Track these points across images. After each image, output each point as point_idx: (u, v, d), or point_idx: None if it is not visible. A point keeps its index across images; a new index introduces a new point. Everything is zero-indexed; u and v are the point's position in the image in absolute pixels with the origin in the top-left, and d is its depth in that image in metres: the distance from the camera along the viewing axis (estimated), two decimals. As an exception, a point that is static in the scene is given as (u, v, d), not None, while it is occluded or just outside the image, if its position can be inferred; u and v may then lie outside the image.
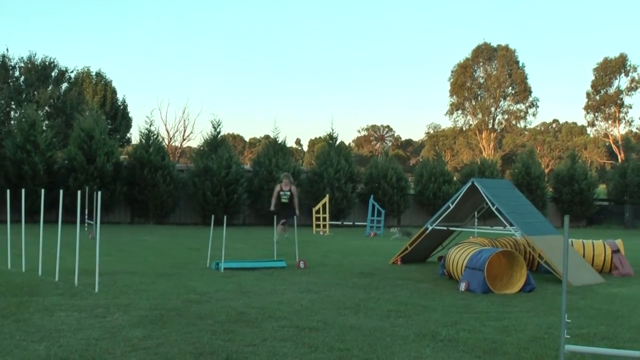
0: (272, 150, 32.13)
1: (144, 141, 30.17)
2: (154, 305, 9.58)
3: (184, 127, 60.11)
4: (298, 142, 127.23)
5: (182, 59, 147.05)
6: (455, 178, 36.89)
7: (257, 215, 30.63)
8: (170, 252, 17.56)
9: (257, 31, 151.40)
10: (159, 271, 13.40)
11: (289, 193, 19.53)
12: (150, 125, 30.47)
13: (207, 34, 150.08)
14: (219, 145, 31.01)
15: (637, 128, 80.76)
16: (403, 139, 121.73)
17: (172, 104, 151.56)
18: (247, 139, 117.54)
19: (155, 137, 30.55)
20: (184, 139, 60.45)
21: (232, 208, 29.32)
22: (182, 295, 10.49)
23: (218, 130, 31.56)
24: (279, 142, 33.02)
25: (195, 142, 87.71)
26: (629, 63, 79.15)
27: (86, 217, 19.41)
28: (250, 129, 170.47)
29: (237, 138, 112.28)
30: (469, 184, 14.40)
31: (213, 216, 14.85)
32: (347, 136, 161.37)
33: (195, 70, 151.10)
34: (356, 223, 29.22)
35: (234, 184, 29.65)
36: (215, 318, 8.76)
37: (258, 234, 24.21)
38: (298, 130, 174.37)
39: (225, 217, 14.73)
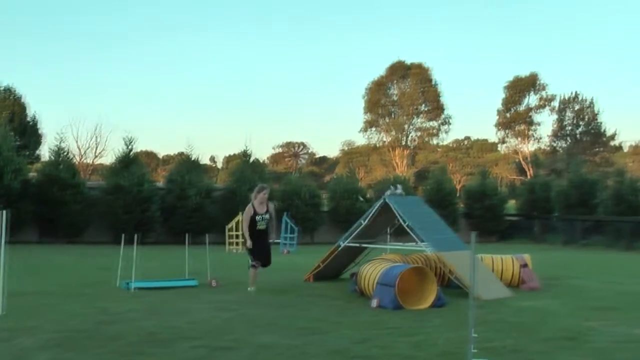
0: (186, 168, 31.88)
1: (53, 158, 29.58)
2: (62, 327, 9.38)
3: (97, 143, 59.11)
4: (213, 159, 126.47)
5: (96, 75, 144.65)
6: (368, 195, 37.15)
7: (170, 233, 30.26)
8: (81, 271, 17.24)
9: (170, 46, 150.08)
10: (68, 291, 13.14)
11: (267, 217, 14.07)
12: (61, 142, 29.91)
13: (121, 50, 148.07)
14: (131, 163, 30.60)
15: (545, 145, 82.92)
16: (318, 155, 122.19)
17: (85, 120, 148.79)
18: (161, 156, 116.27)
19: (65, 153, 29.99)
20: (96, 156, 59.46)
21: (144, 226, 28.89)
22: (92, 316, 10.31)
23: (130, 147, 31.17)
24: (193, 159, 32.80)
25: (108, 159, 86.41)
26: (539, 82, 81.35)
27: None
28: (164, 145, 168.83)
29: (150, 155, 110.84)
30: (382, 200, 14.55)
31: (124, 235, 14.63)
32: (262, 153, 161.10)
33: (109, 86, 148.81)
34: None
35: (146, 201, 29.30)
36: (126, 339, 8.63)
37: (171, 252, 23.90)
38: (213, 147, 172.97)
39: (137, 236, 14.53)
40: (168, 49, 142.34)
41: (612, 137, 79.99)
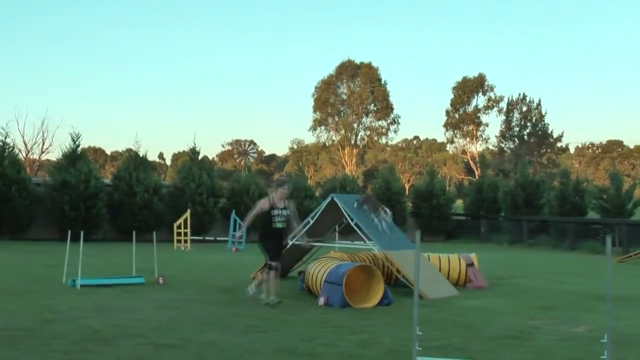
0: (133, 164, 31.59)
1: (-2, 153, 29.07)
2: (5, 325, 9.24)
3: (43, 139, 58.32)
4: (161, 156, 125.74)
5: (42, 69, 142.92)
6: (317, 193, 37.18)
7: (117, 230, 29.96)
8: (25, 269, 16.98)
9: (119, 42, 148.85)
10: (11, 289, 12.94)
11: (286, 214, 12.38)
12: (5, 137, 29.42)
13: (67, 44, 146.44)
14: (78, 159, 30.20)
15: (493, 146, 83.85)
16: (267, 154, 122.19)
17: (31, 115, 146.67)
18: (108, 152, 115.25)
19: (10, 149, 29.49)
20: (42, 152, 58.66)
21: (91, 223, 28.58)
22: (36, 314, 10.17)
23: (77, 143, 30.76)
24: (141, 155, 32.52)
25: (54, 154, 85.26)
26: (487, 83, 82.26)
27: None
28: (112, 142, 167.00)
29: (98, 151, 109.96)
30: (329, 199, 14.58)
31: (70, 231, 14.45)
32: (211, 150, 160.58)
33: (56, 81, 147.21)
34: (218, 238, 29.02)
35: (93, 198, 28.96)
36: (70, 337, 8.53)
37: (118, 249, 23.67)
38: (162, 144, 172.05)
39: (83, 232, 14.37)
40: (117, 45, 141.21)
41: (559, 138, 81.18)
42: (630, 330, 10.20)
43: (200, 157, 34.49)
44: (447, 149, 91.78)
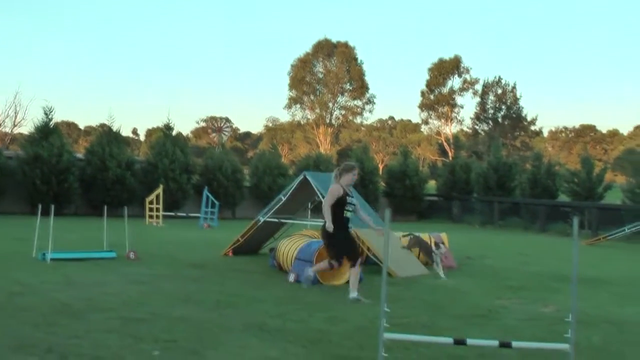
0: (107, 139, 31.43)
1: (-31, 126, 28.88)
2: (-27, 297, 9.22)
3: (15, 112, 57.68)
4: (135, 131, 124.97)
5: (14, 42, 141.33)
6: (291, 171, 37.23)
7: (89, 205, 29.87)
8: (-5, 242, 16.89)
9: (90, 15, 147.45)
10: (-20, 262, 12.89)
11: (355, 200, 11.13)
12: (-24, 111, 29.16)
13: (38, 17, 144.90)
14: (51, 133, 29.98)
15: (467, 127, 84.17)
16: (242, 131, 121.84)
17: (3, 88, 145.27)
18: (82, 127, 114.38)
19: (-19, 122, 29.29)
20: (14, 125, 58.03)
21: (63, 197, 28.49)
22: (4, 288, 10.12)
23: (50, 116, 30.52)
24: (114, 130, 32.35)
25: (27, 128, 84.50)
26: (462, 65, 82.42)
27: None
28: (85, 116, 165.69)
29: (71, 126, 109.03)
30: (301, 176, 14.61)
31: (40, 204, 14.39)
32: (185, 127, 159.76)
33: (29, 54, 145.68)
34: (190, 214, 29.00)
35: (65, 172, 28.82)
36: (38, 310, 8.52)
37: (90, 224, 23.57)
38: (136, 119, 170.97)
39: (54, 207, 14.30)
40: (91, 19, 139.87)
41: (532, 122, 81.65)
42: (595, 310, 10.35)
43: (174, 133, 34.37)
44: (422, 130, 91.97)
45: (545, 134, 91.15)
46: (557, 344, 5.81)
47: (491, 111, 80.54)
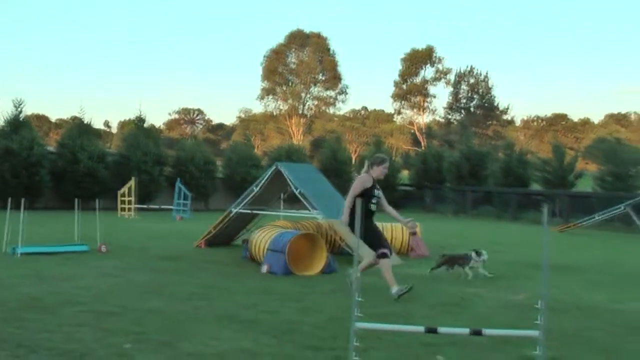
0: (78, 132, 31.21)
1: (-63, 120, 28.48)
2: (-58, 292, 9.12)
3: (-16, 106, 57.17)
4: (107, 123, 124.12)
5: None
6: (264, 162, 37.19)
7: (61, 198, 29.63)
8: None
9: (59, 5, 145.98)
10: (-51, 256, 12.76)
11: (380, 194, 10.76)
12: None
13: (9, 9, 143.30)
14: (21, 126, 29.72)
15: (440, 117, 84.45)
16: (215, 122, 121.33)
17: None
18: (53, 120, 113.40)
19: (-50, 115, 28.92)
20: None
21: (34, 191, 28.23)
22: (-27, 282, 10.04)
23: (20, 109, 30.26)
24: (86, 123, 32.14)
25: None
26: (435, 55, 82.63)
27: None
28: (57, 109, 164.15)
29: (42, 118, 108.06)
30: (274, 167, 14.59)
31: (10, 198, 14.25)
32: (158, 119, 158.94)
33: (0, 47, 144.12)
34: (162, 206, 28.88)
35: (36, 165, 28.58)
36: (7, 305, 8.43)
37: (61, 217, 23.41)
38: (108, 111, 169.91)
39: (25, 200, 14.17)
40: (60, 8, 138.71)
41: (504, 111, 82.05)
42: (566, 297, 10.45)
43: (147, 125, 34.24)
44: (395, 119, 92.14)
45: (518, 122, 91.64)
46: (528, 330, 5.83)
47: (464, 101, 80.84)
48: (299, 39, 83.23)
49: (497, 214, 33.63)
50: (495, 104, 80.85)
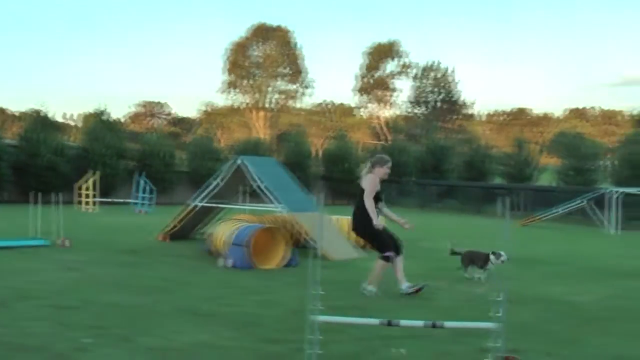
0: (39, 125, 30.88)
1: None
2: None
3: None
4: (70, 116, 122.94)
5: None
6: (228, 156, 37.07)
7: (21, 192, 29.22)
8: None
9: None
10: None
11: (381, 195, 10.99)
12: None
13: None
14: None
15: (404, 111, 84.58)
16: (178, 116, 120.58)
17: None
18: (13, 112, 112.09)
19: None
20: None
21: (-6, 184, 27.95)
22: None
23: (-22, 102, 29.96)
24: (47, 116, 31.83)
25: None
26: (400, 48, 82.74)
27: None
28: (17, 102, 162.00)
29: (2, 112, 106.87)
30: (238, 161, 14.52)
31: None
32: (120, 112, 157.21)
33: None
34: (126, 200, 28.65)
35: (-4, 159, 28.27)
36: (-38, 300, 8.32)
37: (22, 211, 23.08)
38: (70, 104, 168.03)
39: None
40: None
41: (469, 105, 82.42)
42: (525, 289, 10.56)
43: (110, 118, 33.99)
44: (360, 113, 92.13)
45: (482, 117, 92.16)
46: (488, 322, 5.86)
47: (428, 95, 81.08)
48: (262, 32, 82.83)
49: (460, 207, 33.83)
50: (460, 98, 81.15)
